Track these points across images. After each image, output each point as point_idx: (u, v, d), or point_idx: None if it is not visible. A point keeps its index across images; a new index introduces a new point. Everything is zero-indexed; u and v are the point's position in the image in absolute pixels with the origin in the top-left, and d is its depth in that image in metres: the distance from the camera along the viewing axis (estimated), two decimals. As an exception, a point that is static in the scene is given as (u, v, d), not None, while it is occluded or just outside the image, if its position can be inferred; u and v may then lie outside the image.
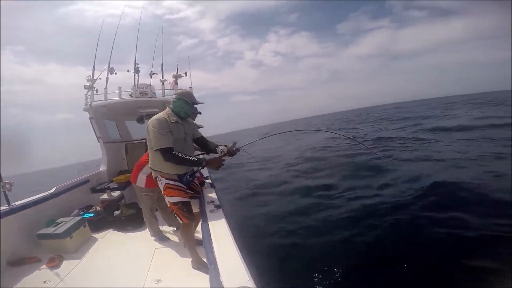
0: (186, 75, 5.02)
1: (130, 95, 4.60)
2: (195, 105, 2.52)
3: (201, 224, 2.02)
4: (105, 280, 2.20)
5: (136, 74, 4.62)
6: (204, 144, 2.50)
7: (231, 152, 2.20)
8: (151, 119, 2.14)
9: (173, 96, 2.36)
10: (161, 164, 2.16)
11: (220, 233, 1.74)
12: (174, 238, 2.97)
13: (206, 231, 1.80)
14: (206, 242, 1.68)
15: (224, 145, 2.29)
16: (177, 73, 4.94)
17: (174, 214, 2.24)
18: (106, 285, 2.13)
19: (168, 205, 2.25)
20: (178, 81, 5.05)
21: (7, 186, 2.69)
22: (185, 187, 2.28)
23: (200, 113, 3.51)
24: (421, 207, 4.64)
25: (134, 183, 2.98)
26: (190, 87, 5.26)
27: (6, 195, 2.73)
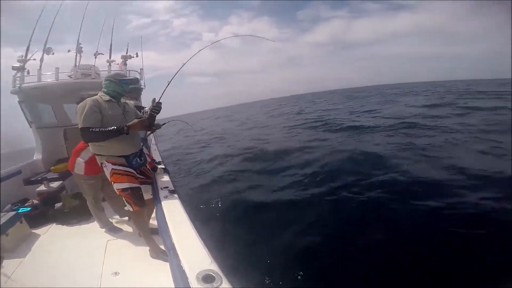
0: (137, 55, 4.70)
1: (70, 76, 4.14)
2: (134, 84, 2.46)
3: (156, 210, 1.96)
4: (58, 277, 2.08)
5: (78, 54, 4.17)
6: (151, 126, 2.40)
7: (155, 109, 2.07)
8: (83, 101, 2.03)
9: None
10: (103, 148, 2.07)
11: (176, 218, 1.69)
12: (128, 229, 2.86)
13: (161, 218, 1.74)
14: (162, 229, 1.63)
15: (146, 107, 2.31)
16: (126, 53, 4.58)
17: (125, 202, 2.15)
18: (60, 282, 2.02)
19: (117, 193, 2.16)
20: (127, 62, 4.69)
21: None
22: (134, 172, 2.19)
23: (142, 88, 3.39)
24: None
25: (72, 171, 2.79)
26: (141, 69, 4.96)
27: None
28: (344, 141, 8.82)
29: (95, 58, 4.53)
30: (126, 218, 2.99)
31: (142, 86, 4.82)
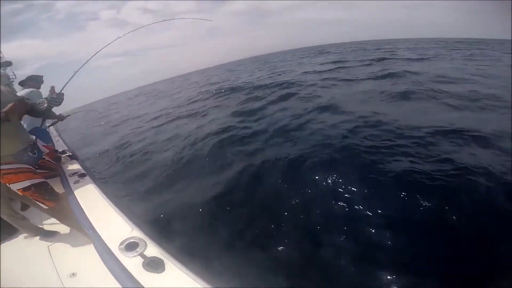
0: None
1: None
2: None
3: (68, 198, 1.85)
4: None
5: None
6: (37, 112, 2.14)
7: (55, 100, 1.95)
8: None
9: None
10: None
11: (91, 199, 1.62)
12: (64, 229, 2.49)
13: (75, 204, 1.64)
14: (78, 214, 1.55)
15: (44, 98, 2.05)
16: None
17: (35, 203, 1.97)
18: None
19: (19, 193, 1.93)
20: None
21: None
22: (31, 167, 1.97)
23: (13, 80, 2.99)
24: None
25: None
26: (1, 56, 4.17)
27: None
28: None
29: None
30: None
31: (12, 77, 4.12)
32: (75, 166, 2.37)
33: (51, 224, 2.62)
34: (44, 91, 3.01)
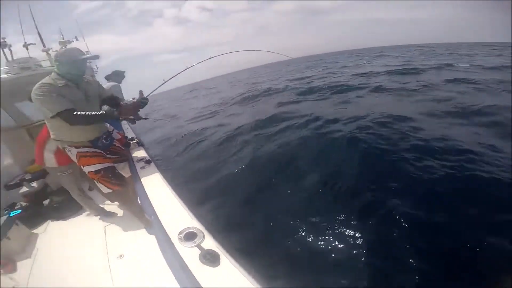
0: (77, 39, 4.38)
1: (7, 73, 3.91)
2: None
3: (134, 183, 1.92)
4: (69, 271, 2.19)
5: (5, 49, 3.88)
6: (114, 101, 2.26)
7: (141, 103, 2.03)
8: (33, 89, 1.83)
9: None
10: (66, 132, 1.93)
11: (155, 185, 1.65)
12: (121, 212, 2.88)
13: (140, 188, 1.67)
14: (142, 198, 1.58)
15: (132, 98, 2.10)
16: (63, 39, 4.26)
17: (103, 186, 2.06)
18: (71, 275, 2.10)
19: (90, 177, 2.05)
20: (67, 47, 4.40)
21: None
22: (102, 152, 2.08)
23: (95, 73, 3.34)
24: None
25: (42, 165, 2.64)
26: (87, 51, 4.68)
27: None
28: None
29: (27, 49, 4.20)
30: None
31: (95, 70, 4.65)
32: (141, 153, 2.56)
33: (107, 207, 3.02)
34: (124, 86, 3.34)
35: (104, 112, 1.87)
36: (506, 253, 2.40)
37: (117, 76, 3.46)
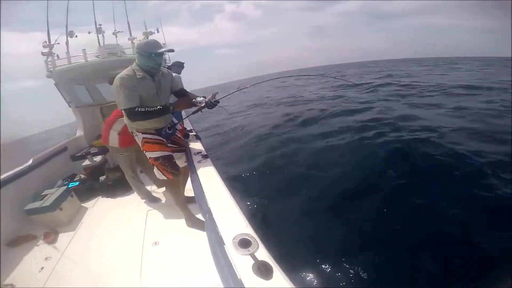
0: (158, 31, 4.68)
1: (97, 56, 4.30)
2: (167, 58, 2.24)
3: (191, 175, 1.95)
4: (104, 250, 2.27)
5: (100, 35, 4.29)
6: (184, 96, 2.33)
7: (210, 104, 2.06)
8: (116, 77, 1.96)
9: None
10: (136, 122, 2.09)
11: (211, 182, 1.68)
12: (165, 199, 3.02)
13: (196, 182, 1.72)
14: (198, 193, 1.61)
15: (203, 97, 2.15)
16: (146, 30, 4.58)
17: (159, 172, 2.17)
18: (106, 253, 2.19)
19: (149, 161, 2.18)
20: (149, 38, 4.71)
21: None
22: (164, 140, 2.19)
23: (182, 64, 3.45)
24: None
25: (107, 144, 2.84)
26: (164, 43, 4.96)
27: None
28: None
29: (116, 37, 4.60)
30: (163, 188, 3.09)
31: (167, 61, 4.87)
32: (198, 145, 2.66)
33: (154, 192, 3.16)
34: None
35: (160, 107, 1.97)
36: None
37: (177, 67, 3.53)
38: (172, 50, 2.23)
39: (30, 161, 3.35)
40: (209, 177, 1.79)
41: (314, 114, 9.25)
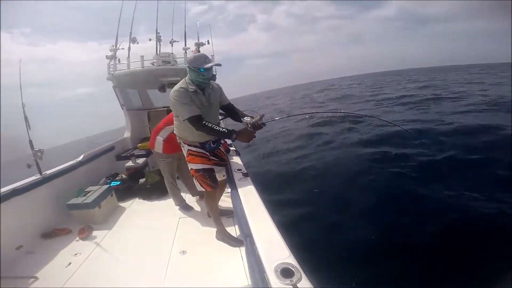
0: (208, 43, 4.82)
1: (152, 63, 4.52)
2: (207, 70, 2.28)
3: (231, 194, 1.96)
4: (132, 252, 2.27)
5: (158, 43, 4.55)
6: (231, 111, 2.37)
7: (256, 126, 2.05)
8: (172, 90, 2.04)
9: None
10: (184, 131, 2.17)
11: (252, 203, 1.63)
12: (197, 208, 3.02)
13: (237, 202, 1.70)
14: (238, 214, 1.60)
15: (251, 117, 2.13)
16: (198, 40, 4.74)
17: (196, 181, 2.21)
18: (135, 255, 2.21)
19: (190, 172, 2.23)
20: (200, 49, 4.85)
21: (38, 154, 2.75)
22: (207, 153, 2.25)
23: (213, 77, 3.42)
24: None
25: (152, 149, 2.95)
26: (212, 55, 5.08)
27: (37, 164, 2.80)
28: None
29: (172, 45, 4.83)
30: (197, 197, 3.17)
31: (214, 73, 4.96)
32: (238, 161, 2.69)
33: (187, 201, 3.16)
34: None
35: (226, 130, 1.99)
36: None
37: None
38: (219, 65, 2.29)
39: (81, 157, 3.54)
40: (249, 197, 1.75)
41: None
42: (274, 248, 1.15)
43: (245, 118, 2.12)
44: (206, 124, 1.96)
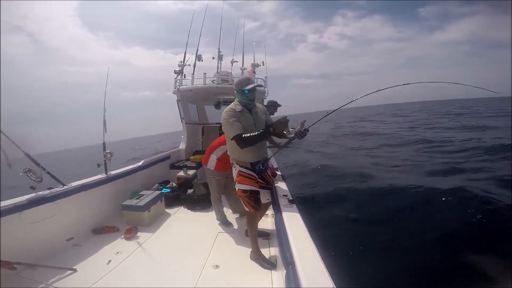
0: (263, 64, 4.99)
1: (213, 81, 4.83)
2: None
3: (275, 219, 1.97)
4: (170, 258, 2.32)
5: (219, 61, 4.86)
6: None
7: (300, 134, 2.07)
8: (224, 111, 2.21)
9: None
10: (235, 152, 2.27)
11: (296, 230, 1.60)
12: (235, 225, 3.02)
13: (281, 228, 1.68)
14: (281, 239, 1.59)
15: (292, 128, 2.15)
16: (254, 61, 4.95)
17: (242, 203, 2.28)
18: (171, 262, 2.27)
19: (237, 192, 2.30)
20: (255, 70, 5.05)
21: (108, 155, 3.08)
22: (256, 176, 2.30)
23: (279, 105, 3.46)
24: None
25: (205, 165, 3.07)
26: (266, 77, 5.22)
27: (106, 164, 3.12)
28: None
29: (232, 65, 5.12)
30: (238, 214, 3.18)
31: (265, 93, 5.06)
32: (283, 186, 2.70)
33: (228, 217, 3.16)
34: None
35: (261, 130, 2.10)
36: None
37: (272, 107, 3.50)
38: (260, 85, 2.42)
39: (141, 162, 3.86)
40: (294, 224, 1.70)
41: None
42: (316, 277, 1.11)
43: (289, 129, 2.16)
44: (244, 136, 2.07)
